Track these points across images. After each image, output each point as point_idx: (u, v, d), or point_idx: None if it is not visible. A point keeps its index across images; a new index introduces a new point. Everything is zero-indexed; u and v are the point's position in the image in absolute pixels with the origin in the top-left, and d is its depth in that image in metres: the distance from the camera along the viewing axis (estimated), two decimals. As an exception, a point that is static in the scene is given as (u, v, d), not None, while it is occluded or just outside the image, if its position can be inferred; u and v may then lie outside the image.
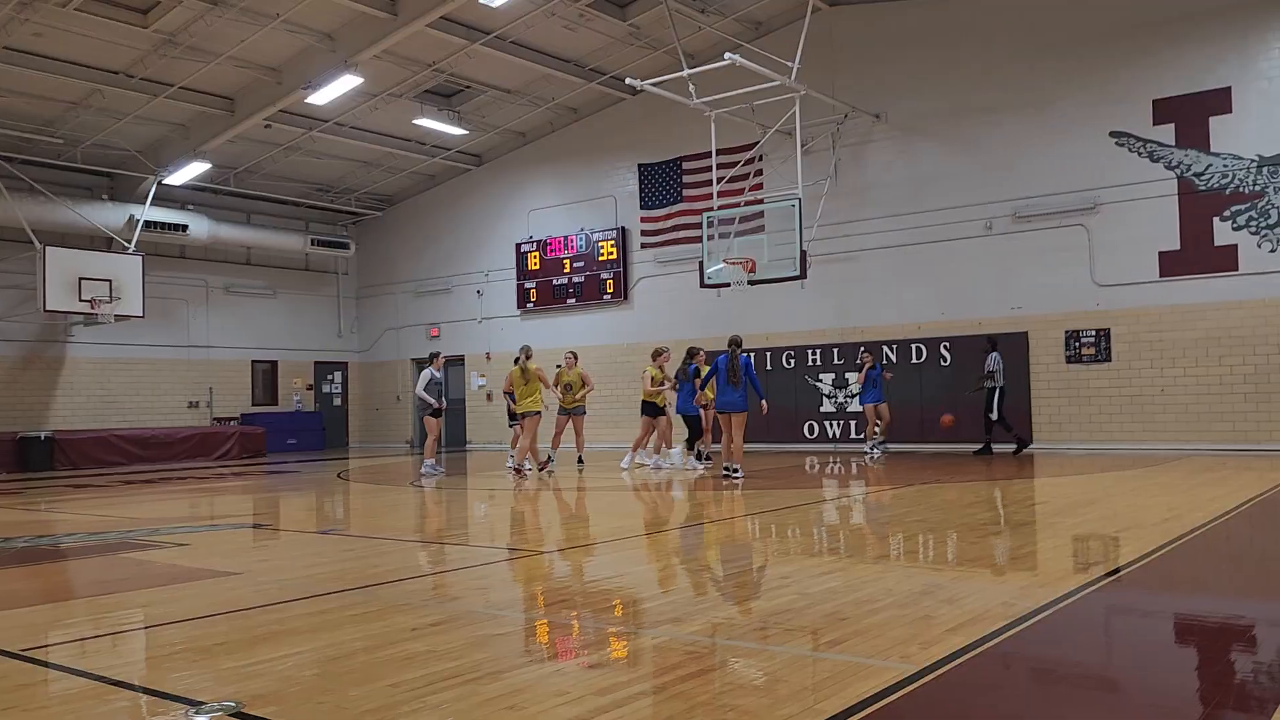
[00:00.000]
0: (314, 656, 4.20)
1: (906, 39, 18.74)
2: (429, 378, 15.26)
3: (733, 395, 12.70)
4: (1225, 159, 15.78)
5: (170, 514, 10.89)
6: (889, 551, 6.90)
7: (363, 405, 27.91)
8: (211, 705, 3.47)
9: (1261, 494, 9.56)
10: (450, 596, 5.72)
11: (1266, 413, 15.39)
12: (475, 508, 11.37)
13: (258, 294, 25.69)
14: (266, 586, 5.94)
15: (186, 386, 24.15)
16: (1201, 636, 4.56)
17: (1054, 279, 17.19)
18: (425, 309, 26.45)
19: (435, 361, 15.57)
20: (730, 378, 12.66)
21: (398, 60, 18.70)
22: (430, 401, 15.15)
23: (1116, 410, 16.61)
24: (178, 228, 22.53)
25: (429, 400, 15.16)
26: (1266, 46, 15.56)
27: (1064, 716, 3.34)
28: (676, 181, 21.54)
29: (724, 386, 12.77)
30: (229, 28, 16.53)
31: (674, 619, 4.78)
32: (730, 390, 12.69)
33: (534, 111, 22.34)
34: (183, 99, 19.08)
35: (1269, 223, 15.43)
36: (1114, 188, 16.64)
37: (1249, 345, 15.56)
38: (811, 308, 19.49)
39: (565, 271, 23.31)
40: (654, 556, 7.11)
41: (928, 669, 3.72)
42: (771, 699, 3.43)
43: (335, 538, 8.66)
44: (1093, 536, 7.45)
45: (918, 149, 18.64)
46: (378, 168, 24.44)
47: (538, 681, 3.75)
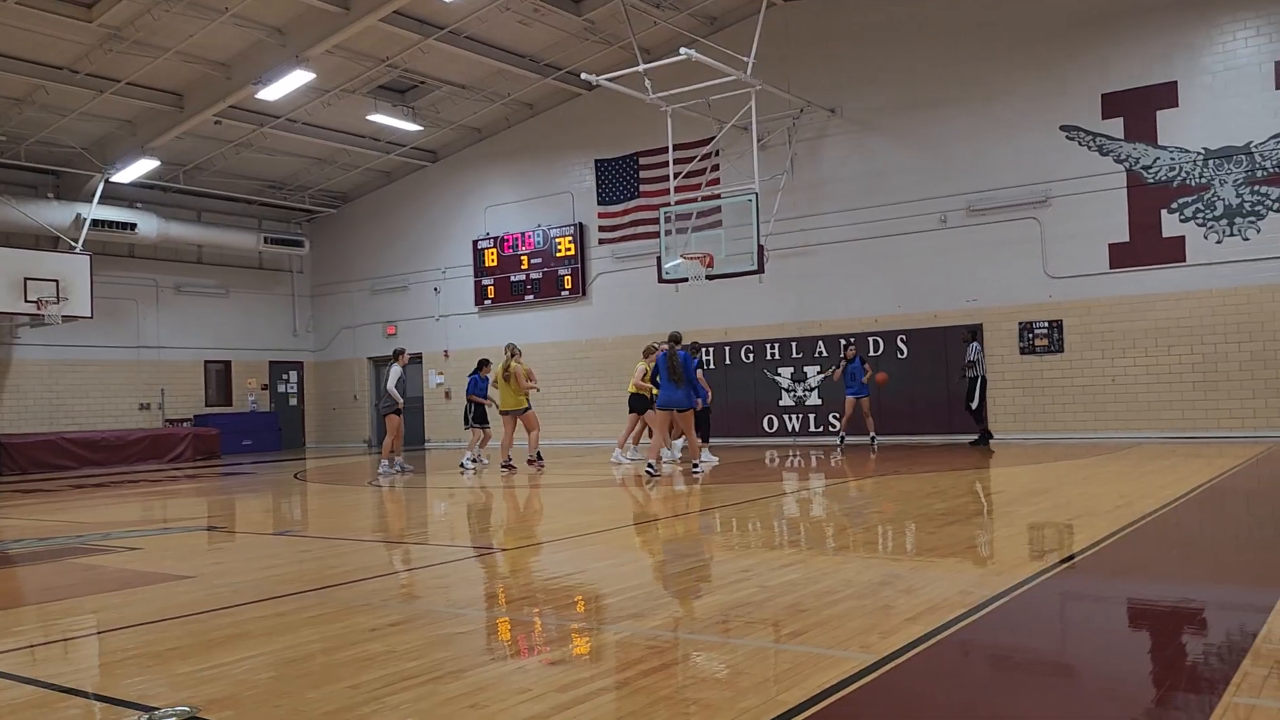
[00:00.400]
0: (271, 659, 4.14)
1: (860, 34, 18.88)
2: (399, 374, 15.16)
3: (675, 393, 12.66)
4: (1172, 152, 16.08)
5: (122, 518, 10.69)
6: (848, 543, 6.95)
7: (319, 405, 27.61)
8: (165, 711, 3.41)
9: (1209, 480, 9.76)
10: (410, 596, 5.67)
11: (1214, 401, 15.72)
12: (435, 506, 11.29)
13: (210, 293, 25.30)
14: (221, 589, 5.85)
15: (137, 388, 23.73)
16: (1153, 621, 4.64)
17: (1007, 272, 17.42)
18: (382, 307, 26.22)
19: (400, 358, 15.49)
20: (671, 375, 12.62)
21: (350, 55, 18.49)
22: (397, 398, 15.05)
23: (1069, 400, 16.87)
24: (126, 226, 22.12)
25: (397, 397, 15.05)
26: (1210, 41, 15.87)
27: (1021, 702, 3.38)
28: (633, 177, 21.53)
29: (667, 384, 12.74)
30: (176, 22, 16.25)
31: (635, 614, 4.78)
32: (673, 388, 12.65)
33: (489, 107, 22.21)
34: (130, 95, 18.73)
35: (1215, 214, 15.75)
36: (1065, 181, 16.90)
37: (1196, 335, 15.88)
38: (769, 302, 19.58)
39: (523, 268, 23.22)
40: (615, 552, 7.10)
41: (887, 658, 3.75)
42: (733, 691, 3.43)
43: (292, 539, 8.55)
44: (1047, 525, 7.56)
45: (872, 143, 18.79)
46: (331, 164, 24.17)
47: (499, 679, 3.73)
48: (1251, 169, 15.48)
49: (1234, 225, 15.61)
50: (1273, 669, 3.47)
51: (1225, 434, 15.54)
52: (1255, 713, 3.04)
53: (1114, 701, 3.32)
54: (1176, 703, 3.26)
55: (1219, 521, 7.79)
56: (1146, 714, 3.18)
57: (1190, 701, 3.25)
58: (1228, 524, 7.73)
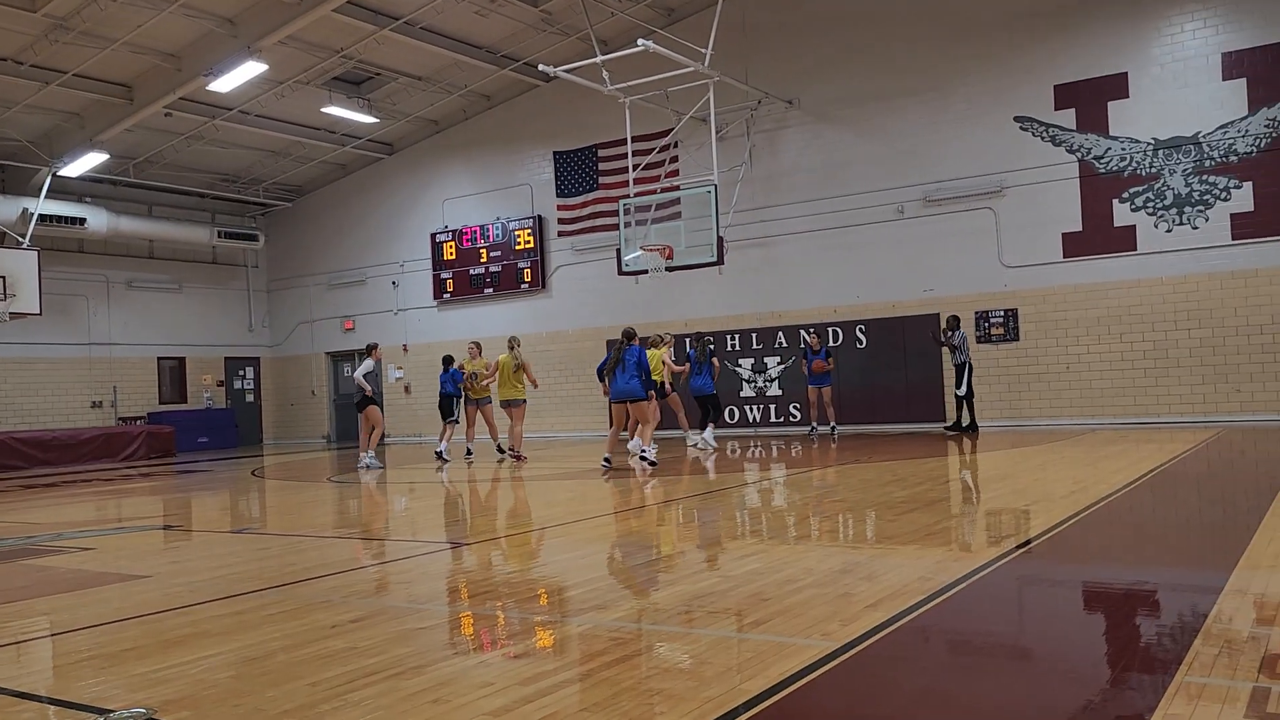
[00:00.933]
0: (230, 658, 4.09)
1: (817, 25, 18.96)
2: (369, 367, 15.16)
3: (625, 384, 12.82)
4: (1123, 142, 16.33)
5: (74, 518, 10.50)
6: (809, 532, 7.00)
7: (276, 401, 27.28)
8: (122, 713, 3.36)
9: (1161, 465, 9.95)
10: (371, 592, 5.63)
11: (1165, 387, 16.02)
12: (396, 501, 11.21)
13: (162, 288, 24.89)
14: (178, 589, 5.76)
15: (89, 386, 23.31)
16: (1108, 603, 4.73)
17: (963, 261, 17.61)
18: (339, 301, 25.95)
19: (374, 352, 15.45)
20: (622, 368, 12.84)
21: (304, 46, 18.25)
22: (365, 388, 15.00)
23: (1025, 388, 17.11)
24: (75, 221, 21.68)
25: (364, 386, 15.02)
26: (1159, 33, 16.13)
27: (980, 686, 3.42)
28: (592, 169, 21.48)
29: (618, 376, 12.96)
30: (124, 12, 15.94)
31: (598, 606, 4.78)
32: (622, 378, 12.83)
33: (446, 99, 22.03)
34: (77, 87, 18.35)
35: (1165, 204, 16.03)
36: (1019, 171, 17.10)
37: (1148, 322, 16.16)
38: (729, 293, 19.64)
39: (482, 261, 23.08)
40: (577, 545, 7.10)
41: (848, 645, 3.78)
42: (697, 681, 3.44)
43: (250, 537, 8.45)
44: (1004, 510, 7.67)
45: (830, 135, 18.89)
46: (286, 157, 23.85)
47: (462, 674, 3.71)
48: (1200, 159, 15.77)
49: (1183, 214, 15.90)
50: (1223, 648, 3.55)
51: (1176, 419, 15.85)
52: (1206, 691, 3.11)
53: (1071, 683, 3.38)
54: (1131, 683, 3.33)
55: (1171, 505, 7.94)
56: (1102, 694, 3.24)
57: (1144, 681, 3.31)
58: (1179, 507, 7.88)
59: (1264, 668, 3.30)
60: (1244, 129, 15.49)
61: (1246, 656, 3.43)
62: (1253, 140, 15.43)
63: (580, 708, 3.23)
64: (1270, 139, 15.31)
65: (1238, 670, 3.29)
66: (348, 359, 26.04)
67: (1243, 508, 7.42)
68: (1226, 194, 15.60)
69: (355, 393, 15.36)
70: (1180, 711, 2.94)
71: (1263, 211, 15.34)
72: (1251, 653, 3.47)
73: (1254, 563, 4.99)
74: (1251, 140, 15.43)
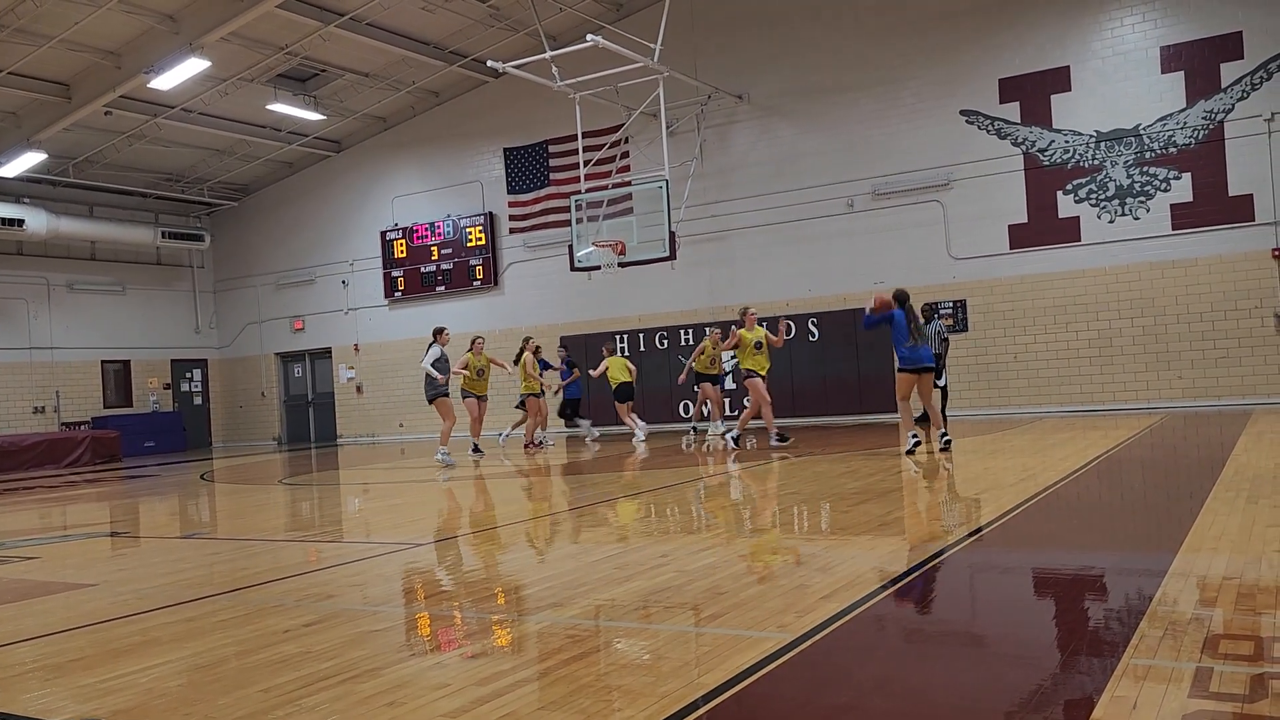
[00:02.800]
0: (180, 666, 4.02)
1: (766, 20, 19.05)
2: (437, 354, 14.24)
3: None
4: (1066, 135, 16.62)
5: (17, 526, 10.25)
6: (764, 524, 7.04)
7: (225, 403, 26.87)
8: (68, 725, 3.29)
9: (1107, 451, 10.15)
10: (325, 595, 5.56)
11: (1110, 375, 16.34)
12: (348, 503, 11.09)
13: (105, 290, 24.39)
14: (126, 596, 5.65)
15: (30, 391, 22.78)
16: (1057, 588, 4.81)
17: (913, 253, 17.81)
18: (288, 301, 25.61)
19: (440, 337, 14.43)
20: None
21: (247, 43, 17.97)
22: (436, 376, 14.18)
23: (974, 378, 17.36)
24: (13, 223, 21.16)
25: (435, 375, 14.16)
26: (1100, 27, 16.43)
27: (935, 672, 3.47)
28: (543, 165, 21.40)
29: None
30: (60, 8, 15.58)
31: (554, 604, 4.77)
32: None
33: (394, 95, 21.82)
34: (12, 85, 17.90)
35: (1107, 195, 16.34)
36: (966, 164, 17.34)
37: (1092, 312, 16.47)
38: (682, 288, 19.69)
39: (433, 259, 22.91)
40: (533, 542, 7.07)
41: (804, 636, 3.81)
42: (654, 676, 3.45)
43: (200, 542, 8.31)
44: (955, 499, 7.77)
45: (780, 129, 19.00)
46: (231, 155, 23.47)
47: (417, 676, 3.69)
48: (1140, 150, 16.09)
49: (1125, 205, 16.22)
50: (1168, 630, 3.63)
51: (1121, 406, 16.18)
52: (1151, 672, 3.17)
53: (1022, 667, 3.44)
54: (1080, 666, 3.39)
55: (1117, 490, 8.10)
56: (1052, 678, 3.30)
57: (1092, 664, 3.38)
58: (1125, 492, 8.04)
59: (1206, 648, 3.38)
60: (1182, 121, 15.83)
61: (1190, 638, 3.51)
62: (1191, 132, 15.77)
63: (538, 706, 3.22)
64: (1207, 131, 15.67)
65: (1181, 651, 3.36)
66: (298, 359, 25.73)
67: (1185, 492, 7.59)
68: (1166, 185, 15.94)
69: (430, 385, 14.29)
70: (1127, 693, 3.00)
71: (1201, 202, 15.70)
72: (1195, 634, 3.55)
73: (1197, 545, 5.11)
74: (1190, 132, 15.78)
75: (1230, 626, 3.66)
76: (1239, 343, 15.52)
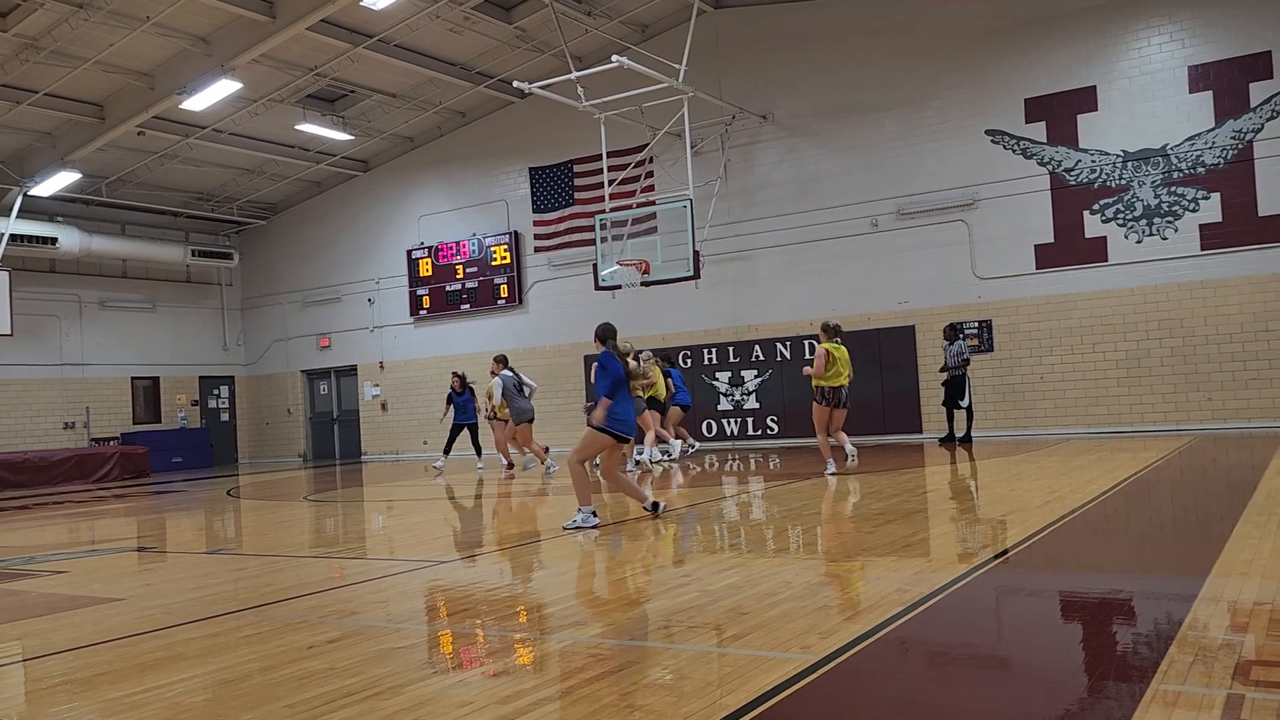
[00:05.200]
0: (205, 681, 4.05)
1: (790, 40, 19.11)
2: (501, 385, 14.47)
3: None
4: (1093, 155, 16.53)
5: (46, 540, 10.37)
6: (788, 545, 7.01)
7: (251, 420, 27.08)
8: (95, 739, 3.32)
9: (1135, 474, 10.04)
10: (348, 611, 5.59)
11: (1137, 396, 16.18)
12: (372, 520, 11.14)
13: (136, 308, 24.68)
14: (153, 611, 5.70)
15: (61, 407, 23.06)
16: (1084, 612, 4.76)
17: (937, 273, 17.75)
18: (315, 319, 25.81)
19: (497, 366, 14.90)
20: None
21: (278, 64, 18.21)
22: (526, 409, 14.44)
23: (999, 399, 17.23)
24: (46, 241, 21.48)
25: (523, 406, 14.41)
26: (1126, 47, 16.36)
27: (958, 696, 3.44)
28: (568, 185, 21.51)
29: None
30: (96, 31, 15.85)
31: (577, 622, 4.77)
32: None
33: (421, 116, 22.02)
34: (48, 106, 18.21)
35: (1134, 215, 16.23)
36: (991, 184, 17.27)
37: (1119, 332, 16.33)
38: (705, 307, 19.70)
39: (458, 277, 23.05)
40: (555, 561, 7.08)
41: (827, 658, 3.79)
42: (676, 696, 3.44)
43: (226, 557, 8.37)
44: (981, 521, 7.71)
45: (804, 149, 19.01)
46: (260, 175, 23.75)
47: (440, 693, 3.69)
48: (1168, 170, 15.98)
49: (1153, 225, 16.10)
50: (1198, 655, 3.58)
51: (1149, 428, 16.00)
52: (1181, 699, 3.13)
53: (1048, 692, 3.40)
54: (1107, 691, 3.35)
55: (1145, 513, 8.01)
56: (1079, 703, 3.26)
57: (1120, 690, 3.34)
58: (1153, 515, 7.95)
59: (1238, 674, 3.33)
60: (1211, 141, 15.71)
61: (1221, 663, 3.46)
62: (1220, 152, 15.65)
63: (560, 725, 3.22)
64: (1236, 151, 15.55)
65: (1212, 677, 3.32)
66: (324, 377, 25.91)
67: (1216, 515, 7.50)
68: (1195, 205, 15.81)
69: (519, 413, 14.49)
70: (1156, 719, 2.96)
71: (1231, 222, 15.56)
72: (1226, 659, 3.51)
73: (1227, 570, 5.04)
74: (1219, 152, 15.66)
75: (1262, 652, 3.61)
76: (1270, 364, 15.33)
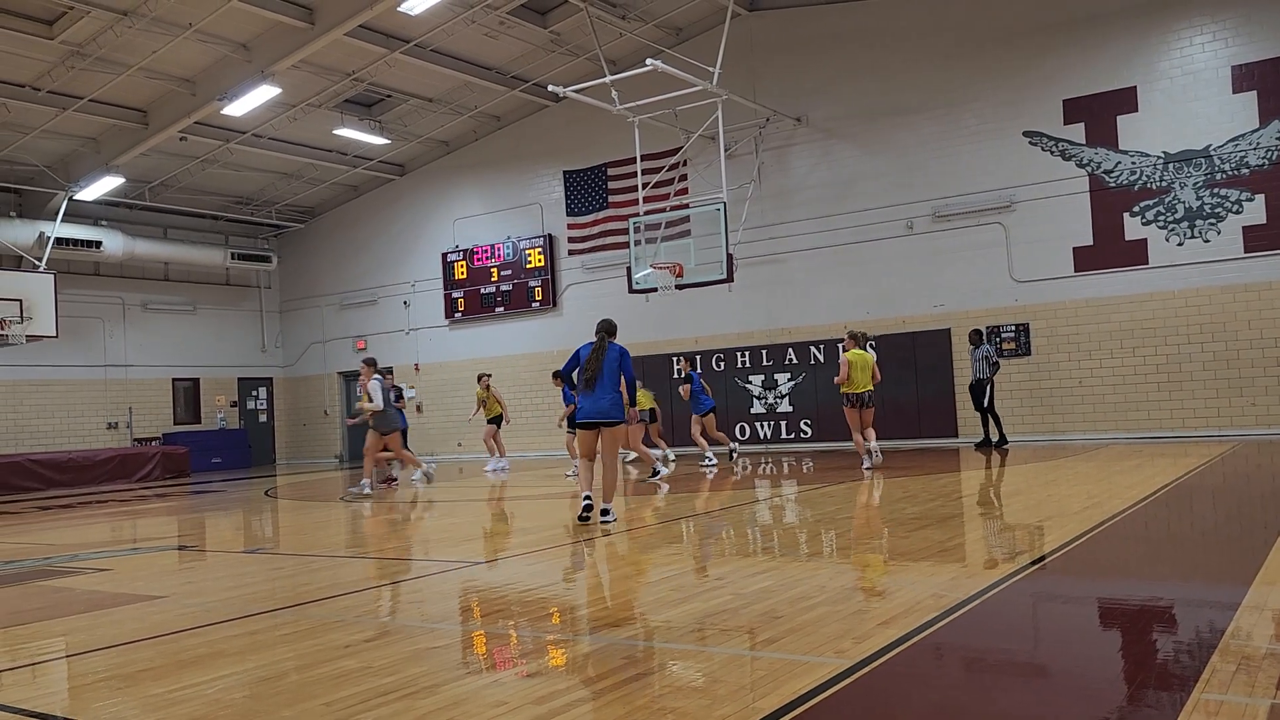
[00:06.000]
0: (244, 678, 4.11)
1: (824, 43, 19.04)
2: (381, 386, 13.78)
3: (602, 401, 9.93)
4: (1133, 156, 16.32)
5: (90, 539, 10.55)
6: (821, 548, 6.98)
7: (289, 421, 27.38)
8: (137, 734, 3.37)
9: (1176, 479, 9.89)
10: (384, 611, 5.64)
11: (1178, 401, 15.94)
12: (407, 520, 11.21)
13: (177, 310, 25.06)
14: (193, 609, 5.79)
15: (104, 407, 23.45)
16: (1124, 619, 4.70)
17: (974, 276, 17.59)
18: (351, 321, 26.07)
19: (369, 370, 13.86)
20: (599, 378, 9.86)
21: (316, 70, 18.42)
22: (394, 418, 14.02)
23: (1037, 403, 17.05)
24: (91, 244, 21.88)
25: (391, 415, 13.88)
26: (1168, 47, 16.14)
27: (995, 703, 3.41)
28: (602, 188, 21.56)
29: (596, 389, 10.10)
30: (139, 38, 16.12)
31: (610, 624, 4.78)
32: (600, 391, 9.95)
33: (457, 120, 22.18)
34: (93, 112, 18.55)
35: (1175, 217, 15.99)
36: (1028, 186, 17.10)
37: (1160, 336, 16.10)
38: (739, 310, 19.67)
39: (493, 280, 23.18)
40: (588, 563, 7.09)
41: (862, 663, 3.77)
42: (710, 699, 3.44)
43: (264, 557, 8.47)
44: (1017, 526, 7.63)
45: (839, 151, 18.93)
46: (299, 179, 24.03)
47: (475, 693, 3.72)
48: (1211, 172, 15.74)
49: (1195, 227, 15.86)
50: (1241, 664, 3.52)
51: (1190, 434, 15.76)
52: (1224, 708, 3.09)
53: (1086, 700, 3.36)
54: (1147, 700, 3.31)
55: (1186, 520, 7.89)
56: (1118, 712, 3.22)
57: (1161, 698, 3.29)
58: (1195, 522, 7.83)
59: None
60: (1255, 141, 15.46)
61: (1265, 673, 3.41)
62: (1264, 153, 15.39)
63: (594, 727, 3.23)
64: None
65: (1256, 687, 3.27)
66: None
67: (1259, 522, 7.37)
68: (1239, 207, 15.56)
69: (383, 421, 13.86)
70: (1196, 728, 2.92)
71: (1276, 224, 15.29)
72: (1270, 669, 3.45)
73: (1271, 578, 4.96)
74: (1263, 153, 15.40)
75: (1306, 662, 3.55)
76: (1315, 369, 15.05)
